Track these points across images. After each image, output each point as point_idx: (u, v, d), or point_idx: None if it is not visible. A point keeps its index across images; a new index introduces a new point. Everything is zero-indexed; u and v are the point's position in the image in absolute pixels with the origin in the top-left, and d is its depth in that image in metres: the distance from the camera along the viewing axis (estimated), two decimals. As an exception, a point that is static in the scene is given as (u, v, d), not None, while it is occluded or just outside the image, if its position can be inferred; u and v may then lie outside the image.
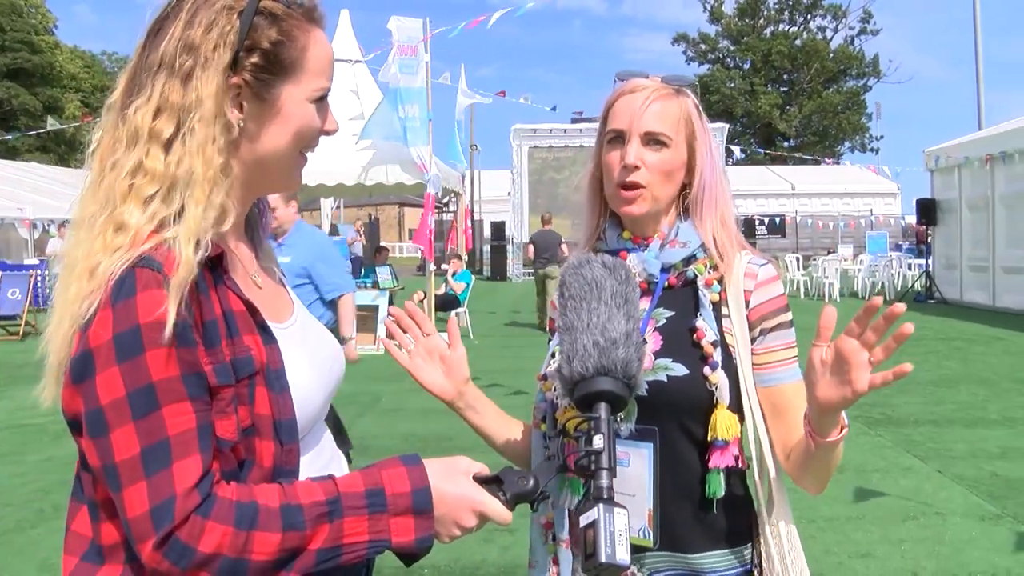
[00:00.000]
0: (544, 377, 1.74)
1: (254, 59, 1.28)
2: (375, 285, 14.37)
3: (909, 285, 22.39)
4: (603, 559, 1.22)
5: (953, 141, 20.83)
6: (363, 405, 8.92)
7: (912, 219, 28.27)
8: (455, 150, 17.98)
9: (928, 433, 7.49)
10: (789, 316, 1.69)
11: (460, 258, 16.35)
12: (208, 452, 1.17)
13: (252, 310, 1.31)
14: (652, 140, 1.67)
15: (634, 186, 1.67)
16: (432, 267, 14.70)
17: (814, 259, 25.46)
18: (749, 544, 1.69)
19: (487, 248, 34.27)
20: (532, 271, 16.11)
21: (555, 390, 1.65)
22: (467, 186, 22.19)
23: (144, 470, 1.12)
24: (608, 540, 1.23)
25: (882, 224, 35.79)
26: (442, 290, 15.15)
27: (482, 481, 1.32)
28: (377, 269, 15.36)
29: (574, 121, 29.93)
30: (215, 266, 1.28)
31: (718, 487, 1.62)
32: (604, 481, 1.28)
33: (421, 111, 13.62)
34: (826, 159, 29.73)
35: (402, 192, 19.18)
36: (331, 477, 1.27)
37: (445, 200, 23.98)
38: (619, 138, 1.69)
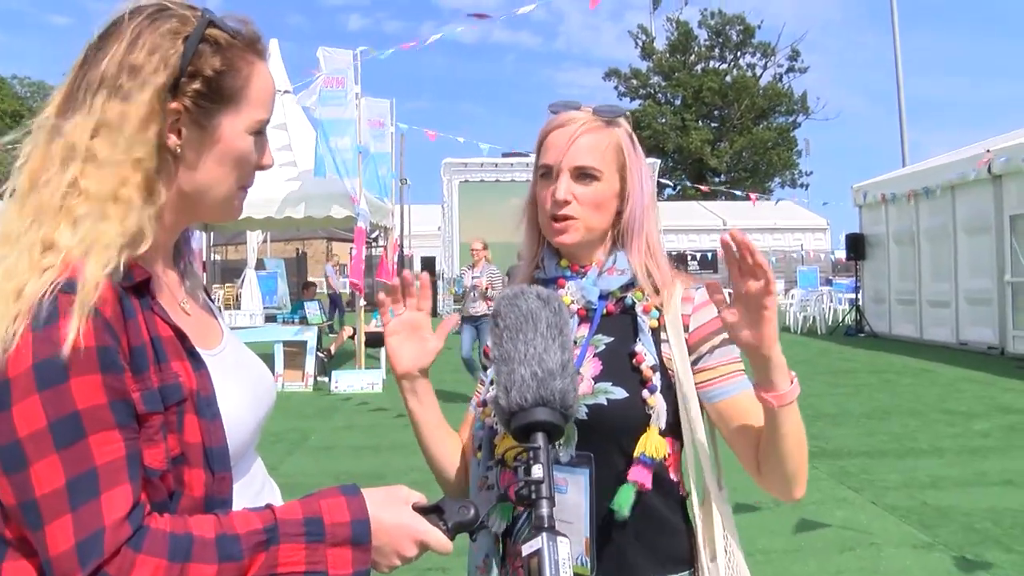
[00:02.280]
0: (483, 403, 1.75)
1: (196, 86, 1.28)
2: (303, 321, 14.21)
3: (840, 319, 22.89)
4: None
5: (879, 177, 21.49)
6: (292, 443, 8.79)
7: (842, 253, 28.95)
8: (382, 184, 17.95)
9: (862, 464, 7.64)
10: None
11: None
12: (137, 482, 1.14)
13: (180, 336, 1.29)
14: (582, 174, 1.70)
15: (565, 218, 1.70)
16: (362, 302, 14.61)
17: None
18: (688, 571, 1.70)
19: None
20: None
21: (493, 417, 1.65)
22: (396, 220, 22.13)
23: (69, 502, 1.07)
24: (553, 568, 1.23)
25: (812, 259, 36.57)
26: (372, 326, 15.03)
27: (422, 511, 1.33)
28: (305, 304, 15.21)
29: (504, 155, 30.13)
30: (142, 292, 1.25)
31: (626, 504, 1.61)
32: (545, 510, 1.29)
33: (352, 142, 13.63)
34: (751, 196, 30.21)
35: (331, 225, 19.06)
36: (269, 506, 1.24)
37: (374, 235, 23.89)
38: (550, 173, 1.72)
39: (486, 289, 11.11)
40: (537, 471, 1.30)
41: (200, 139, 1.31)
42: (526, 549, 1.27)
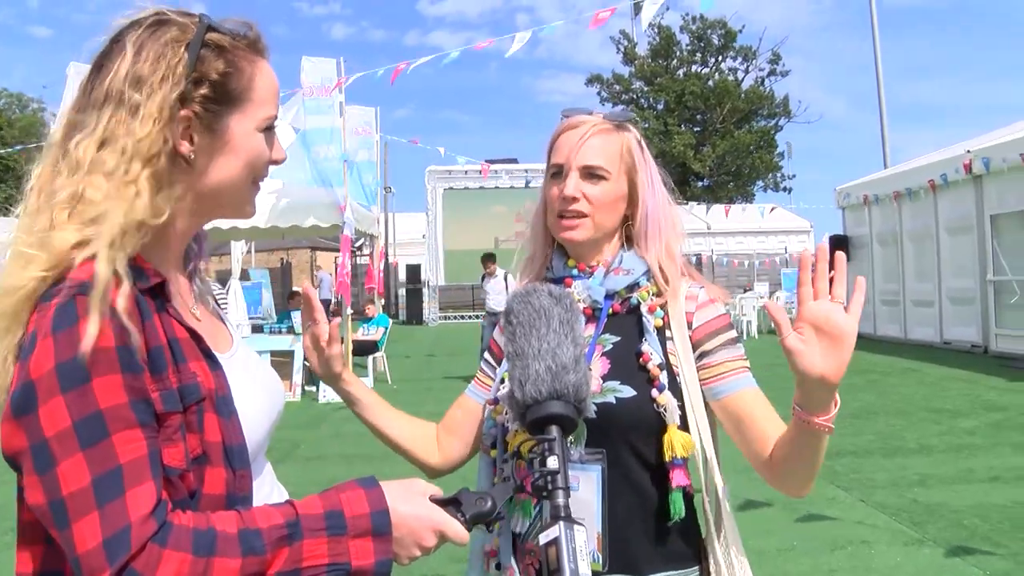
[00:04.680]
0: (495, 401, 1.79)
1: (203, 91, 1.30)
2: (290, 331, 14.19)
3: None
4: (568, 574, 1.25)
5: (862, 179, 21.62)
6: (281, 452, 8.78)
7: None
8: (367, 192, 17.94)
9: (850, 464, 7.71)
10: (734, 334, 1.77)
11: (373, 301, 16.25)
12: (159, 479, 1.15)
13: (196, 337, 1.31)
14: (590, 173, 1.75)
15: (574, 215, 1.75)
16: (349, 311, 14.60)
17: (732, 297, 25.99)
18: (696, 567, 1.75)
19: (402, 292, 34.11)
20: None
21: (505, 414, 1.69)
22: (381, 229, 22.14)
23: (96, 500, 1.09)
24: (571, 556, 1.26)
25: (796, 261, 36.70)
26: (359, 335, 15.02)
27: (439, 502, 1.34)
28: (292, 314, 15.18)
29: (488, 162, 30.18)
30: (157, 294, 1.28)
31: (681, 507, 1.67)
32: (561, 499, 1.31)
33: (338, 151, 13.63)
34: (736, 200, 30.31)
35: (316, 235, 19.02)
36: (289, 501, 1.26)
37: (359, 243, 23.87)
38: (560, 172, 1.77)
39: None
40: (552, 462, 1.33)
41: (212, 142, 1.33)
42: (543, 538, 1.30)
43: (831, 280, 1.42)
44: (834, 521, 6.09)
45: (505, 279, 14.02)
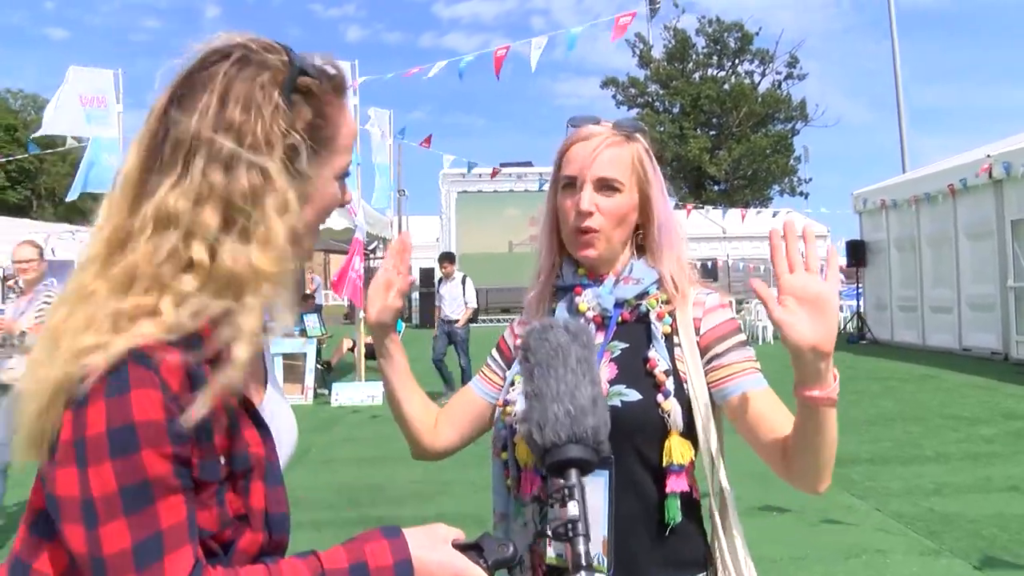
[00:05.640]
0: (506, 403, 1.80)
1: (291, 142, 1.25)
2: (303, 333, 14.22)
3: (842, 326, 22.92)
4: None
5: (879, 184, 21.54)
6: (294, 456, 8.70)
7: (842, 260, 28.98)
8: (379, 195, 18.03)
9: (866, 472, 7.66)
10: (743, 337, 1.78)
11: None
12: (196, 540, 1.17)
13: (248, 405, 1.32)
14: (605, 186, 1.76)
15: (588, 231, 1.76)
16: (362, 314, 14.59)
17: (747, 302, 25.90)
18: (703, 574, 1.75)
19: (416, 295, 34.15)
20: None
21: (514, 415, 1.71)
22: (395, 231, 22.19)
23: (135, 564, 1.12)
24: None
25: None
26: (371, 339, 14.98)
27: (461, 548, 1.34)
28: (304, 316, 15.21)
29: (502, 165, 30.16)
30: (215, 362, 1.22)
31: (676, 512, 1.68)
32: (582, 547, 1.32)
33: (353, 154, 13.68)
34: (752, 205, 30.23)
35: (329, 238, 19.07)
36: (314, 553, 1.26)
37: (372, 246, 23.92)
38: (573, 184, 1.78)
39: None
40: (573, 508, 1.34)
41: (296, 191, 1.26)
42: None
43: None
44: (849, 529, 6.04)
45: (463, 283, 13.57)
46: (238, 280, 1.20)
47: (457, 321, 13.40)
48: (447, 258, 14.34)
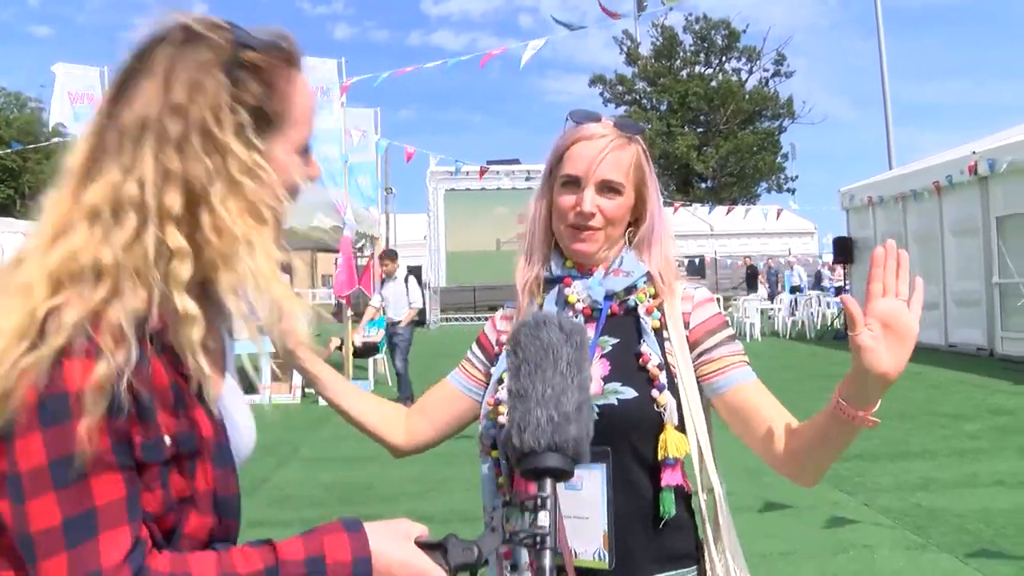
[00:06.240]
0: (497, 402, 1.79)
1: (240, 118, 1.22)
2: (291, 332, 14.17)
3: (829, 323, 23.01)
4: None
5: (866, 180, 21.64)
6: (282, 455, 8.79)
7: (829, 257, 29.10)
8: (363, 193, 17.94)
9: (854, 467, 7.72)
10: (731, 331, 1.82)
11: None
12: (138, 522, 1.12)
13: (200, 385, 1.24)
14: (607, 188, 1.78)
15: (587, 228, 1.78)
16: (350, 313, 14.60)
17: (734, 299, 25.99)
18: (694, 567, 1.77)
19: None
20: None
21: (504, 414, 1.67)
22: (382, 230, 22.20)
23: (66, 541, 1.06)
24: None
25: (800, 263, 36.74)
26: (360, 336, 14.90)
27: (425, 546, 1.30)
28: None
29: (490, 163, 30.18)
30: (160, 336, 1.20)
31: (671, 506, 1.71)
32: (547, 562, 1.27)
33: (339, 151, 13.67)
34: (740, 202, 30.30)
35: (316, 236, 19.01)
36: (270, 542, 1.21)
37: (360, 244, 23.92)
38: (574, 182, 1.79)
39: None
40: (543, 519, 1.29)
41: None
42: None
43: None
44: (837, 525, 6.10)
45: (406, 282, 12.82)
46: (202, 258, 1.19)
47: (399, 323, 12.78)
48: (389, 255, 13.45)
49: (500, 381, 1.79)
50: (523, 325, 1.44)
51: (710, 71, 51.55)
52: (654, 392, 1.71)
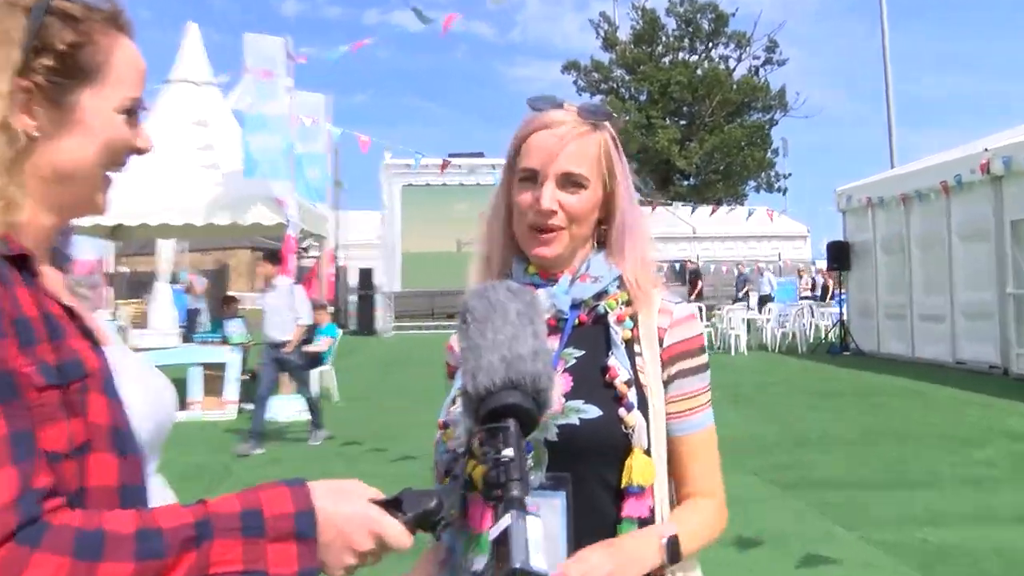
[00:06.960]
0: (445, 425, 1.76)
1: (46, 61, 1.28)
2: (223, 341, 13.99)
3: (823, 336, 23.11)
4: (516, 565, 1.23)
5: (865, 180, 21.77)
6: (213, 478, 8.62)
7: (823, 263, 29.27)
8: (311, 188, 17.77)
9: (849, 496, 7.66)
10: (705, 359, 1.82)
11: (325, 308, 15.89)
12: (29, 464, 1.09)
13: (75, 316, 1.29)
14: (569, 182, 1.75)
15: (548, 229, 1.74)
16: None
17: (719, 308, 26.04)
18: None
19: (353, 299, 33.93)
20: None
21: (457, 438, 1.68)
22: (331, 228, 22.00)
23: None
24: (521, 547, 1.24)
25: (790, 269, 36.94)
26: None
27: (379, 504, 1.30)
28: (225, 322, 14.97)
29: (452, 156, 30.10)
30: (22, 266, 1.24)
31: None
32: (516, 492, 1.29)
33: (283, 141, 13.49)
34: (725, 201, 30.46)
35: (258, 233, 18.84)
36: (201, 500, 1.21)
37: (305, 244, 23.73)
38: (532, 178, 1.76)
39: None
40: (508, 452, 1.31)
41: (58, 119, 1.31)
42: (492, 533, 1.29)
43: None
44: (831, 562, 5.98)
45: (292, 292, 11.09)
46: None
47: (285, 344, 10.88)
48: (270, 258, 11.81)
49: (453, 402, 1.76)
50: (471, 292, 1.50)
51: (695, 58, 51.87)
52: (621, 411, 1.66)
